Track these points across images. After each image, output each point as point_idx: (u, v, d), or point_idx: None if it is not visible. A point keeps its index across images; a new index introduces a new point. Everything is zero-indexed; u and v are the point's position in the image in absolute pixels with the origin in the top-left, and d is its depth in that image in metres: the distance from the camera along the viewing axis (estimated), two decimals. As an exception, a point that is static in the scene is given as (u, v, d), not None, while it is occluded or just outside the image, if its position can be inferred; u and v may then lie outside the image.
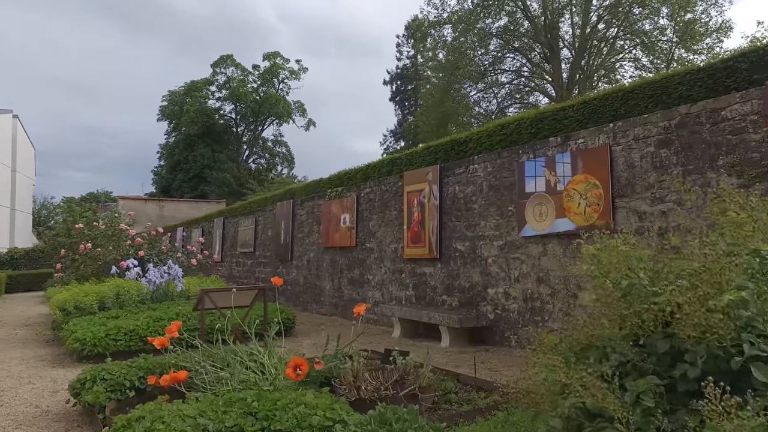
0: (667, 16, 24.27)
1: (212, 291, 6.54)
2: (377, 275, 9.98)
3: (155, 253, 12.66)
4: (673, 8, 23.46)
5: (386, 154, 42.23)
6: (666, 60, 24.40)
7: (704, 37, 22.77)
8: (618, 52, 27.49)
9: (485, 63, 29.54)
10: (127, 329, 7.76)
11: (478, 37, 28.13)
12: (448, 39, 29.70)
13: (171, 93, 42.56)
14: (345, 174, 12.01)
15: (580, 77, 27.16)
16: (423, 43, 42.94)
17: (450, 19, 29.35)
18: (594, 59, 27.61)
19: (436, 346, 7.76)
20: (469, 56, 29.00)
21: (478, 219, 8.02)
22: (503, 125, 8.36)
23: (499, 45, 29.31)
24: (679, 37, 23.35)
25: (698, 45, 22.89)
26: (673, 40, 23.97)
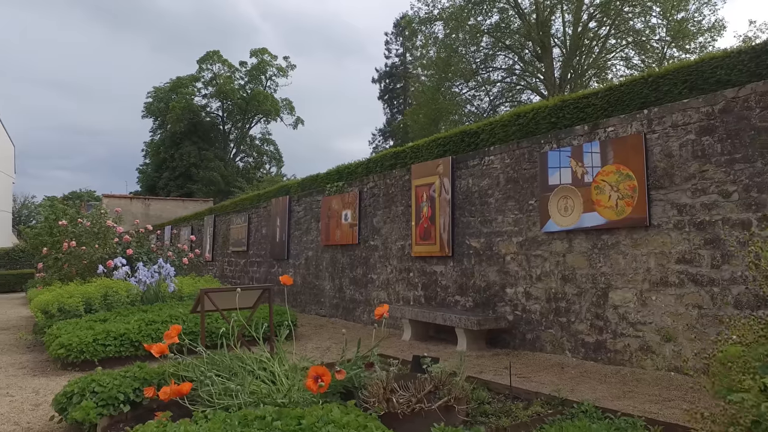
0: (659, 15, 24.05)
1: (213, 291, 5.92)
2: (382, 274, 9.41)
3: (144, 252, 11.95)
4: (664, 7, 23.22)
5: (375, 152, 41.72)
6: (658, 59, 24.16)
7: (697, 35, 22.54)
8: (609, 51, 27.24)
9: (476, 61, 29.11)
10: (117, 333, 7.11)
11: (469, 34, 27.69)
12: (440, 36, 29.23)
13: (156, 89, 41.53)
14: (344, 168, 11.42)
15: (571, 76, 26.84)
16: (412, 41, 42.56)
17: (441, 16, 28.88)
18: (585, 58, 27.32)
19: (451, 349, 7.21)
20: (460, 54, 28.55)
21: (494, 214, 7.49)
22: (519, 114, 7.84)
23: (490, 43, 28.90)
24: (671, 35, 23.11)
25: (691, 44, 22.64)
26: (666, 38, 23.74)
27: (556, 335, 6.60)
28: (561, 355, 6.53)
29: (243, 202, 15.72)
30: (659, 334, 5.64)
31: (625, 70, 26.27)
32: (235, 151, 42.85)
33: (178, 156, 39.25)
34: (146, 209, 30.46)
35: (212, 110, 42.26)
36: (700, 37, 22.53)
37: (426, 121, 30.53)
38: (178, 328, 4.53)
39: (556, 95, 24.59)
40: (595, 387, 5.28)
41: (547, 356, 6.62)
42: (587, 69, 27.05)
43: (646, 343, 5.75)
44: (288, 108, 42.42)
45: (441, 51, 29.16)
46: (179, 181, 39.16)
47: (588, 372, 5.84)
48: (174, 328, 4.52)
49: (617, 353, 5.99)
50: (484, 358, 6.72)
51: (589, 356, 6.24)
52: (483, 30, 27.80)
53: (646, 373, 5.63)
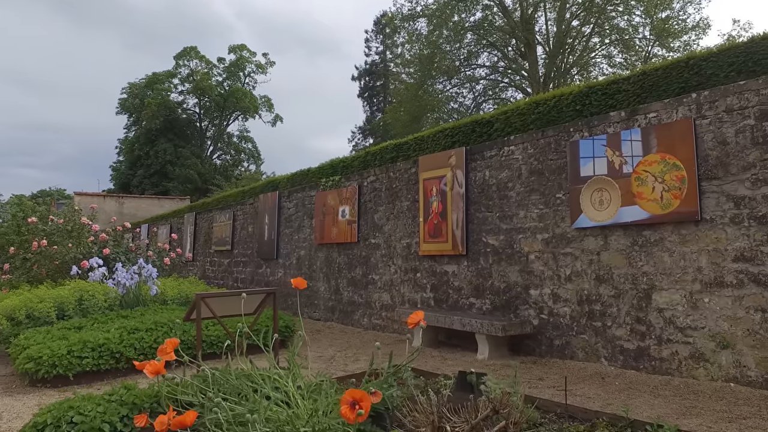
0: (642, 14, 23.81)
1: (210, 296, 5.08)
2: (385, 275, 8.64)
3: (122, 252, 10.94)
4: (648, 6, 22.99)
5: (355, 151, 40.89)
6: (642, 58, 23.94)
7: (681, 34, 22.35)
8: (591, 50, 26.96)
9: (460, 58, 28.54)
10: (95, 343, 6.20)
11: (453, 31, 27.10)
12: (423, 33, 28.58)
13: (131, 85, 39.90)
14: (339, 162, 10.61)
15: (555, 74, 26.48)
16: (392, 39, 41.83)
17: (424, 12, 28.26)
18: (568, 57, 27.01)
19: (470, 357, 6.49)
20: (443, 51, 27.96)
21: (515, 209, 6.79)
22: (538, 102, 7.17)
23: (473, 40, 28.37)
24: (655, 34, 22.88)
25: (676, 42, 22.44)
26: (649, 37, 23.53)
27: (590, 341, 5.93)
28: (596, 363, 5.86)
29: (227, 199, 14.75)
30: (714, 340, 5.01)
31: (608, 69, 26.05)
32: (213, 148, 41.46)
33: (154, 153, 37.74)
34: (120, 207, 29.09)
35: (189, 107, 40.84)
36: (684, 35, 22.33)
37: (408, 119, 29.88)
38: (174, 341, 3.66)
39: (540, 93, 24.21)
40: (650, 402, 4.62)
41: (579, 364, 5.95)
42: (570, 67, 26.72)
43: (697, 351, 5.11)
44: (267, 105, 41.24)
45: (424, 48, 28.55)
46: (154, 178, 37.65)
47: (634, 383, 5.18)
48: (170, 342, 3.66)
49: (663, 361, 5.35)
50: (510, 367, 6.01)
51: (629, 364, 5.58)
52: (466, 27, 27.23)
53: (700, 384, 4.99)
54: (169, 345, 3.60)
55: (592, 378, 5.44)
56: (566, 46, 26.23)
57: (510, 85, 28.55)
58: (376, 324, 8.69)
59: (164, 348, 3.56)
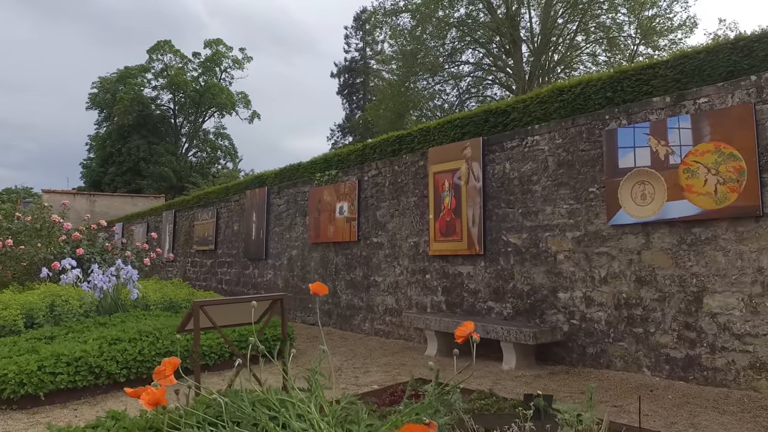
0: (627, 13, 23.62)
1: (209, 304, 4.31)
2: (389, 276, 7.94)
3: (98, 252, 9.99)
4: (633, 4, 22.79)
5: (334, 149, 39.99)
6: (627, 56, 23.74)
7: (667, 33, 22.20)
8: (575, 48, 26.72)
9: (444, 54, 27.99)
10: (71, 357, 5.37)
11: (437, 27, 26.55)
12: (406, 28, 27.96)
13: (102, 80, 38.18)
14: (334, 156, 9.87)
15: (539, 72, 26.15)
16: (372, 35, 41.11)
17: (407, 7, 27.66)
18: (552, 55, 26.73)
19: (495, 368, 5.84)
20: (427, 47, 27.39)
21: (541, 204, 6.18)
22: (561, 90, 6.57)
23: (457, 36, 27.86)
24: (641, 33, 22.69)
25: (662, 41, 22.28)
26: (635, 35, 23.34)
27: (629, 349, 5.35)
28: (637, 374, 5.28)
29: (209, 196, 13.84)
30: (779, 349, 4.47)
31: (593, 68, 25.80)
32: (188, 145, 40.02)
33: (126, 150, 36.19)
34: (92, 206, 27.69)
35: (163, 103, 39.32)
36: (670, 34, 22.18)
37: (391, 116, 29.23)
38: (174, 362, 2.88)
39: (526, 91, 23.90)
40: (718, 420, 4.04)
41: (618, 374, 5.36)
42: (555, 66, 26.43)
43: (758, 360, 4.56)
44: (244, 102, 40.01)
45: (407, 44, 27.95)
46: (127, 176, 36.11)
47: (688, 396, 4.60)
48: (169, 363, 2.88)
49: (717, 372, 4.79)
50: (542, 378, 5.39)
51: (677, 375, 5.02)
52: (450, 23, 26.70)
53: (765, 398, 4.44)
54: (168, 366, 2.83)
55: (639, 390, 4.85)
56: (551, 45, 25.93)
57: (494, 82, 28.12)
58: (380, 329, 7.99)
59: (162, 370, 2.79)
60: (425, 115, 30.52)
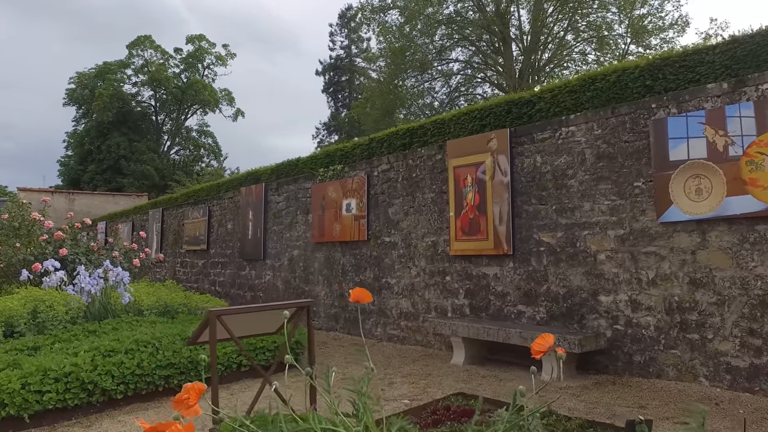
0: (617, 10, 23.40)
1: (227, 313, 3.68)
2: (404, 278, 7.37)
3: (82, 252, 9.21)
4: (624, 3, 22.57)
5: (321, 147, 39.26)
6: (617, 56, 23.53)
7: (659, 32, 22.02)
8: (564, 47, 26.46)
9: (432, 52, 27.50)
10: (60, 371, 4.71)
11: (426, 23, 26.05)
12: (395, 26, 27.41)
13: (80, 75, 36.83)
14: (337, 150, 9.25)
15: (530, 71, 25.82)
16: (357, 33, 40.45)
17: (395, 4, 27.13)
18: (542, 54, 26.44)
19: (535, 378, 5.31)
20: (416, 44, 26.88)
21: (578, 200, 5.67)
22: (594, 78, 6.07)
23: (446, 34, 27.39)
24: (632, 32, 22.48)
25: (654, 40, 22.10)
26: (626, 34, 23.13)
27: (683, 357, 4.86)
28: (693, 383, 4.80)
29: (199, 193, 13.09)
30: None
31: (581, 66, 25.56)
32: (170, 143, 38.86)
33: (106, 148, 34.92)
34: (70, 204, 26.52)
35: (144, 99, 38.10)
36: (661, 33, 22.00)
37: (379, 114, 28.68)
38: (199, 387, 2.24)
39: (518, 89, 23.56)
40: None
41: (672, 385, 4.87)
42: (545, 65, 26.13)
43: (837, 371, 4.11)
44: (227, 99, 38.99)
45: (395, 41, 27.42)
46: (107, 174, 34.85)
47: (764, 411, 4.12)
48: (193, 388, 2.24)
49: (787, 384, 4.32)
50: (590, 390, 4.88)
51: (740, 386, 4.54)
52: (440, 20, 26.22)
53: None
54: (192, 393, 2.21)
55: (701, 403, 4.36)
56: (540, 44, 25.63)
57: (484, 80, 27.73)
58: (393, 335, 7.41)
59: (185, 399, 2.16)
60: (413, 113, 30.03)
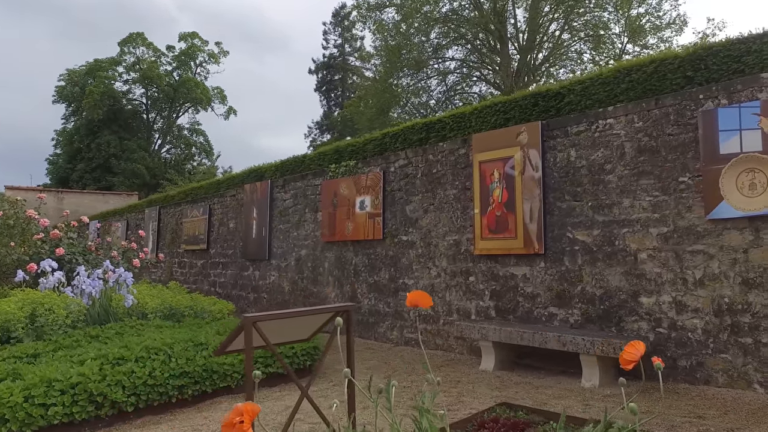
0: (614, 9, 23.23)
1: (264, 319, 3.29)
2: (422, 279, 7.00)
3: (79, 252, 8.74)
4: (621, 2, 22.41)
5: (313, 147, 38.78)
6: (614, 55, 23.37)
7: (656, 31, 21.88)
8: (559, 47, 26.27)
9: (428, 50, 27.19)
10: (66, 383, 4.28)
11: (424, 20, 25.73)
12: (391, 23, 27.08)
13: (70, 72, 35.97)
14: (347, 146, 8.88)
15: (527, 70, 25.59)
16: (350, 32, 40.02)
17: (392, 2, 26.80)
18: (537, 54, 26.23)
19: (573, 384, 4.97)
20: (412, 42, 26.57)
21: (617, 196, 5.34)
22: (629, 69, 5.76)
23: (441, 33, 27.09)
24: (629, 32, 22.33)
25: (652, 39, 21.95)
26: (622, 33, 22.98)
27: (735, 362, 4.55)
28: (746, 390, 4.49)
29: (197, 191, 12.62)
30: None
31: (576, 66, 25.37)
32: (161, 141, 38.12)
33: (96, 146, 34.12)
34: (59, 203, 25.80)
35: (135, 97, 37.32)
36: (659, 32, 21.85)
37: (374, 112, 28.33)
38: (252, 409, 1.85)
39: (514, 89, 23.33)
40: None
41: (723, 392, 4.55)
42: (541, 64, 25.92)
43: None
44: (219, 97, 38.35)
45: (391, 39, 27.10)
46: (97, 173, 34.05)
47: (833, 423, 3.82)
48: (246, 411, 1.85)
49: None
50: (636, 398, 4.54)
51: (800, 394, 4.24)
52: (437, 18, 25.90)
53: None
54: (246, 416, 1.82)
55: (764, 413, 4.05)
56: (536, 43, 25.42)
57: (481, 79, 27.47)
58: (411, 338, 7.04)
59: (236, 422, 1.79)
60: (408, 111, 29.72)
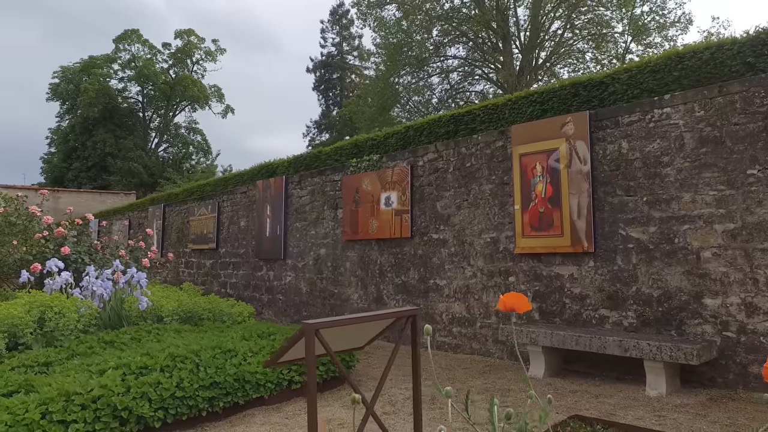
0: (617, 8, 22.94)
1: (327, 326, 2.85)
2: (456, 279, 6.58)
3: (84, 251, 8.24)
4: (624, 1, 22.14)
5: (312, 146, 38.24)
6: (618, 55, 23.09)
7: (661, 29, 21.60)
8: (562, 45, 25.96)
9: (429, 48, 26.80)
10: (87, 396, 3.82)
11: (426, 17, 25.34)
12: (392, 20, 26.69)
13: (64, 69, 35.23)
14: (367, 140, 8.44)
15: (530, 69, 25.26)
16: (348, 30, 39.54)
17: (392, 0, 26.46)
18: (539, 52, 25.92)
19: (635, 393, 4.57)
20: (414, 40, 26.17)
21: (676, 190, 4.95)
22: (681, 56, 5.38)
23: (443, 30, 26.70)
24: (633, 30, 22.03)
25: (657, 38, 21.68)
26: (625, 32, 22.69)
27: (816, 370, 4.16)
28: (831, 402, 4.11)
29: (205, 188, 12.14)
30: None
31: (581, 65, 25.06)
32: (157, 140, 37.45)
33: (91, 144, 33.41)
34: (55, 203, 25.12)
35: (131, 95, 36.62)
36: (664, 30, 21.58)
37: (374, 111, 27.91)
38: None
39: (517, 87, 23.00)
40: None
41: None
42: (544, 62, 25.59)
43: None
44: (217, 95, 37.74)
45: (390, 35, 26.72)
46: (92, 172, 33.35)
47: None
48: None
49: None
50: (710, 408, 4.15)
51: None
52: (439, 15, 25.52)
53: None
54: None
55: None
56: (539, 41, 25.10)
57: (483, 77, 27.11)
58: (444, 342, 6.62)
59: None
60: (409, 110, 29.33)
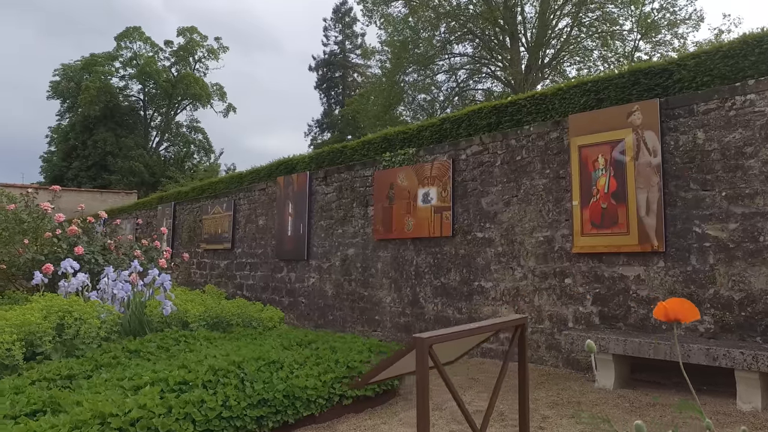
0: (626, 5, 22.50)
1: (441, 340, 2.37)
2: (504, 281, 6.10)
3: (98, 250, 7.73)
4: (633, 0, 21.72)
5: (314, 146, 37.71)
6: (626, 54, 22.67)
7: (671, 27, 21.18)
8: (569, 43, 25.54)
9: (436, 46, 26.34)
10: (125, 418, 3.33)
11: (434, 13, 24.89)
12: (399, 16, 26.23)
13: (65, 67, 34.56)
14: (397, 134, 7.96)
15: (537, 66, 24.83)
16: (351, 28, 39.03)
17: (401, -5, 26.00)
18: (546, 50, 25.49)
19: (727, 407, 4.10)
20: (420, 37, 25.72)
21: (760, 184, 4.49)
22: (760, 39, 4.92)
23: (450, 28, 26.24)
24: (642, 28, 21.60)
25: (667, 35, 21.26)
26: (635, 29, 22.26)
27: None
28: None
29: (217, 185, 11.63)
30: None
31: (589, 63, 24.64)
32: (159, 139, 36.84)
33: (92, 143, 32.78)
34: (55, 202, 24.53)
35: (132, 93, 35.99)
36: (674, 28, 21.16)
37: (379, 109, 27.46)
38: None
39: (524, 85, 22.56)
40: None
41: None
42: (551, 60, 25.16)
43: None
44: (219, 93, 37.14)
45: (397, 33, 26.26)
46: (92, 171, 32.72)
47: None
48: None
49: None
50: (820, 427, 3.69)
51: None
52: (447, 11, 25.05)
53: None
54: None
55: None
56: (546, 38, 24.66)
57: (490, 75, 26.67)
58: (489, 349, 6.14)
59: None
60: (414, 109, 28.87)
